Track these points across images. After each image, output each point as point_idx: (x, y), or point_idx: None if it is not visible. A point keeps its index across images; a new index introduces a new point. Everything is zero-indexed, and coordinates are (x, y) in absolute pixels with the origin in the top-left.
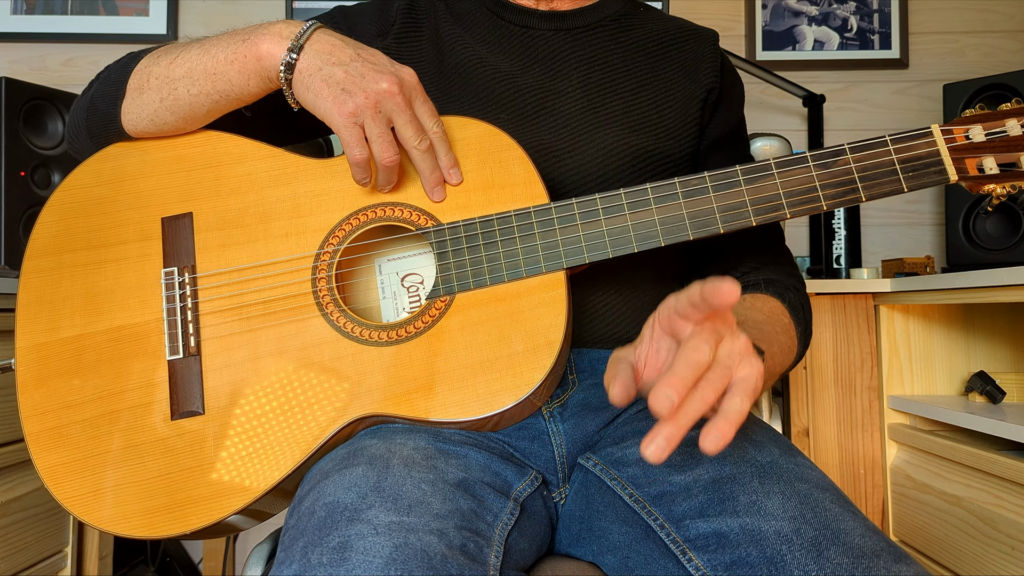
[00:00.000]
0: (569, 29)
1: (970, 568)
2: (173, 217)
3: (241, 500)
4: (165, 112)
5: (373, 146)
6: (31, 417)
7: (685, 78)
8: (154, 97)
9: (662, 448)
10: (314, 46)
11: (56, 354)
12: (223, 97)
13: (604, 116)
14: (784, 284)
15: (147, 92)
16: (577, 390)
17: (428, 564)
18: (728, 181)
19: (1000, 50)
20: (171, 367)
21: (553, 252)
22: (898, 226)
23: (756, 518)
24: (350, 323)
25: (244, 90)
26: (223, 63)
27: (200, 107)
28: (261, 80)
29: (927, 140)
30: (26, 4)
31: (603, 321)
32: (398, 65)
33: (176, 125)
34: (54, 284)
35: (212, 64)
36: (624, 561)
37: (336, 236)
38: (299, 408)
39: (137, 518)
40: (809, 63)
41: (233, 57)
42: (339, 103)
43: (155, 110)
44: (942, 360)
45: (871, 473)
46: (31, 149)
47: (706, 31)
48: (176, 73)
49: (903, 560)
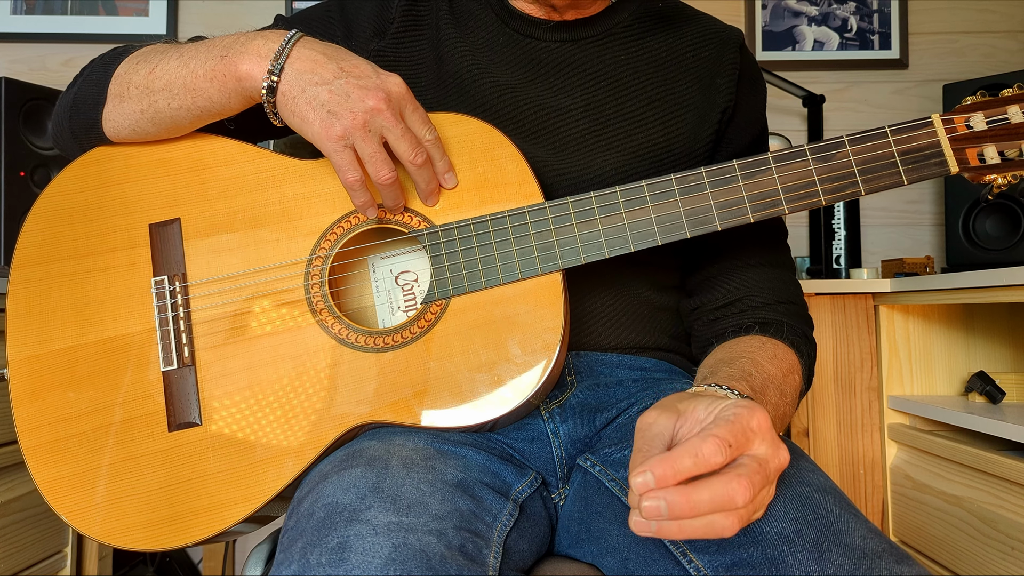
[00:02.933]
0: (577, 40)
1: (970, 568)
2: (161, 223)
3: (243, 511)
4: (147, 123)
5: (368, 167)
6: (27, 431)
7: (700, 93)
8: (135, 107)
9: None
10: (295, 65)
11: (49, 367)
12: (204, 112)
13: (605, 140)
14: (799, 331)
15: (127, 101)
16: (576, 391)
17: (427, 564)
18: (725, 177)
19: (1000, 50)
20: (166, 378)
21: (548, 253)
22: (898, 226)
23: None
24: (345, 329)
25: (225, 106)
26: (202, 80)
27: (182, 120)
28: (243, 99)
29: (927, 130)
30: (26, 4)
31: (601, 323)
32: (384, 75)
33: (160, 135)
34: (43, 295)
35: (191, 79)
36: (624, 563)
37: (328, 240)
38: (297, 417)
39: (139, 530)
40: (809, 63)
41: (212, 75)
42: (327, 127)
43: (136, 120)
44: (942, 360)
45: (871, 473)
46: (31, 149)
47: (727, 34)
48: (156, 85)
49: (905, 561)
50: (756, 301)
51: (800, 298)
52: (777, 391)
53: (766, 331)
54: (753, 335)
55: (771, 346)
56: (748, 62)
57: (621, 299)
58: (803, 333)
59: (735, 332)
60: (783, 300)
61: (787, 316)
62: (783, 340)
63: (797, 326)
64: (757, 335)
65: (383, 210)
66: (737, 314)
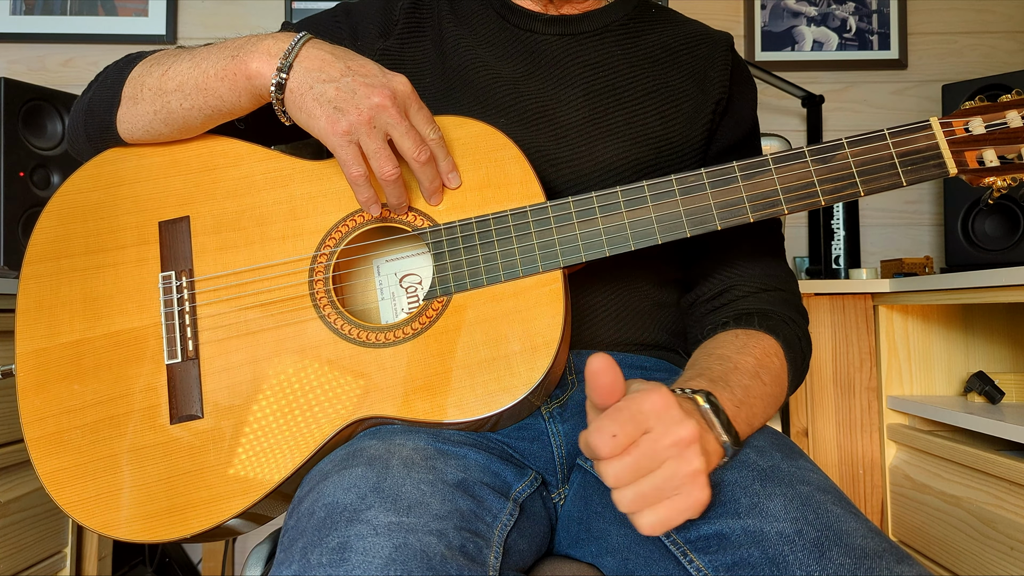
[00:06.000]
0: (575, 34)
1: (969, 568)
2: (170, 221)
3: (241, 503)
4: (160, 124)
5: (372, 162)
6: (32, 422)
7: (695, 86)
8: (148, 108)
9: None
10: (303, 63)
11: (56, 359)
12: (215, 112)
13: (605, 127)
14: (780, 316)
15: (141, 103)
16: (577, 391)
17: (428, 564)
18: (725, 177)
19: (999, 50)
20: (170, 371)
21: (550, 251)
22: (897, 226)
23: (758, 519)
24: (347, 325)
25: (236, 105)
26: (213, 79)
27: (194, 120)
28: (252, 97)
29: (926, 133)
30: (25, 4)
31: (602, 323)
32: (390, 74)
33: (172, 135)
34: (53, 289)
35: (202, 79)
36: (624, 563)
37: (333, 238)
38: (298, 411)
39: (137, 522)
40: (808, 63)
41: (223, 74)
42: (332, 122)
43: (150, 121)
44: (941, 360)
45: (870, 473)
46: (30, 149)
47: (719, 35)
48: (168, 86)
49: (905, 561)
50: (742, 291)
51: (787, 284)
52: (748, 375)
53: (739, 323)
54: (728, 330)
55: (743, 336)
56: (739, 61)
57: (622, 294)
58: (787, 318)
59: (712, 331)
60: (768, 288)
61: (770, 304)
62: (755, 328)
63: (779, 311)
64: (732, 329)
65: (387, 209)
66: (722, 308)
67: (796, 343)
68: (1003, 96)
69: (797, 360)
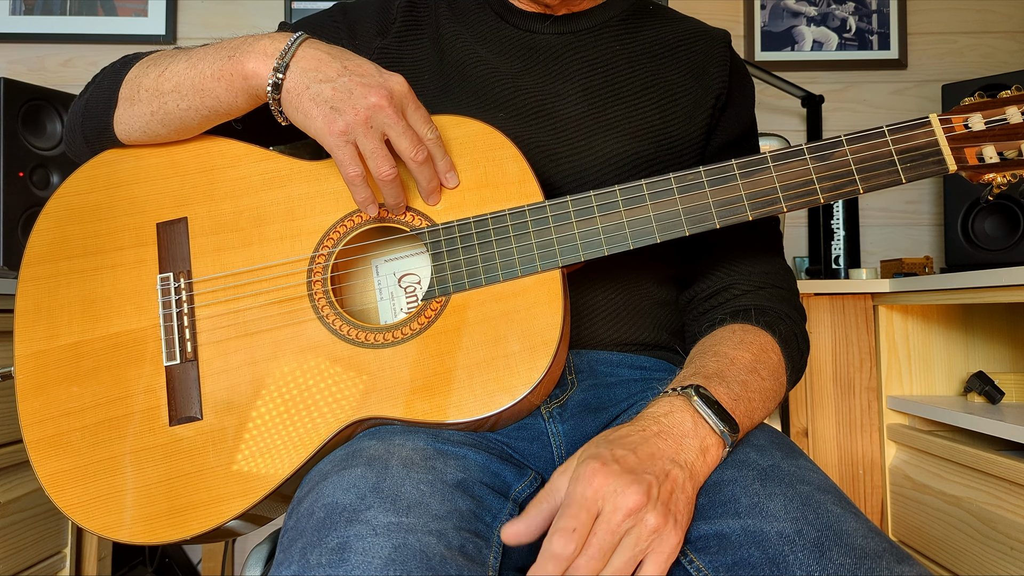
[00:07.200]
0: (573, 31)
1: (969, 568)
2: (168, 222)
3: (241, 504)
4: (157, 125)
5: (369, 162)
6: (31, 425)
7: (693, 81)
8: (145, 109)
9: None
10: (300, 63)
11: (55, 362)
12: (212, 112)
13: (604, 122)
14: (778, 312)
15: (138, 104)
16: (576, 391)
17: (427, 565)
18: (724, 176)
19: (998, 51)
20: (168, 373)
21: (548, 250)
22: (897, 226)
23: (758, 519)
24: (346, 325)
25: (233, 106)
26: (210, 80)
27: (191, 120)
28: (249, 98)
29: (925, 130)
30: (25, 4)
31: (602, 322)
32: (387, 74)
33: (169, 136)
34: (51, 292)
35: (199, 80)
36: None
37: (331, 238)
38: (296, 411)
39: (138, 524)
40: (808, 63)
41: (220, 74)
42: (329, 122)
43: (147, 122)
44: (941, 360)
45: (870, 473)
46: (30, 150)
47: (717, 32)
48: (165, 87)
49: (905, 561)
50: (740, 288)
51: (785, 281)
52: (745, 370)
53: (736, 319)
54: (725, 326)
55: (740, 332)
56: (736, 58)
57: (622, 293)
58: (784, 314)
59: (710, 327)
60: (766, 285)
61: (768, 300)
62: (752, 323)
63: (777, 308)
64: (728, 325)
65: (385, 209)
66: (719, 306)
67: (793, 339)
68: (1002, 92)
69: (795, 356)
